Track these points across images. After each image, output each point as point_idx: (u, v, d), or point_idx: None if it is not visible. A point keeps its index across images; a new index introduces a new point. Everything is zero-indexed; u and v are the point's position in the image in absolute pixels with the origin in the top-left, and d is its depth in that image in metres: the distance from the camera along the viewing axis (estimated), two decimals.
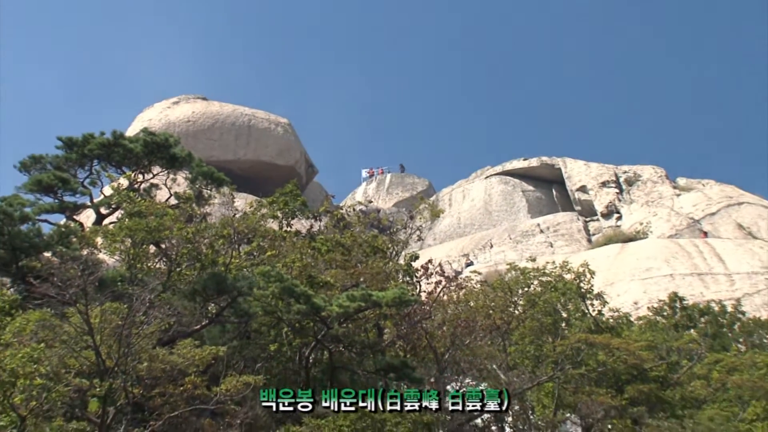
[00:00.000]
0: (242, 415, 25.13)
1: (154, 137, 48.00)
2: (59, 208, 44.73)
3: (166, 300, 29.37)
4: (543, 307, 37.65)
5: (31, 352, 21.90)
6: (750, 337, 47.07)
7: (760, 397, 34.66)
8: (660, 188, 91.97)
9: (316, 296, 31.34)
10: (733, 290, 59.67)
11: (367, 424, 26.27)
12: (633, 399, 32.84)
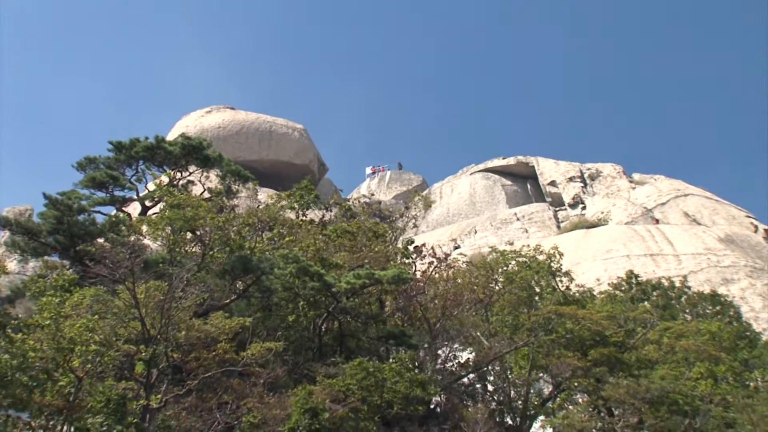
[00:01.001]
0: (265, 375, 25.19)
1: (190, 141, 48.04)
2: (110, 201, 44.78)
3: (200, 279, 29.42)
4: (519, 284, 37.70)
5: (87, 323, 21.97)
6: (695, 308, 47.10)
7: (704, 359, 34.73)
8: (618, 182, 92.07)
9: (327, 275, 31.46)
10: (680, 268, 59.67)
11: (371, 383, 26.34)
12: (596, 361, 32.86)
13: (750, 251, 66.27)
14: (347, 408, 24.89)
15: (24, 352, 20.39)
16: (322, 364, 29.33)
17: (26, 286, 34.74)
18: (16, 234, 39.71)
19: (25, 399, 19.78)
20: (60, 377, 21.04)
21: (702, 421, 31.56)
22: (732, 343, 38.42)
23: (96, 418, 21.08)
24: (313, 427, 22.72)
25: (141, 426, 21.47)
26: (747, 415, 30.18)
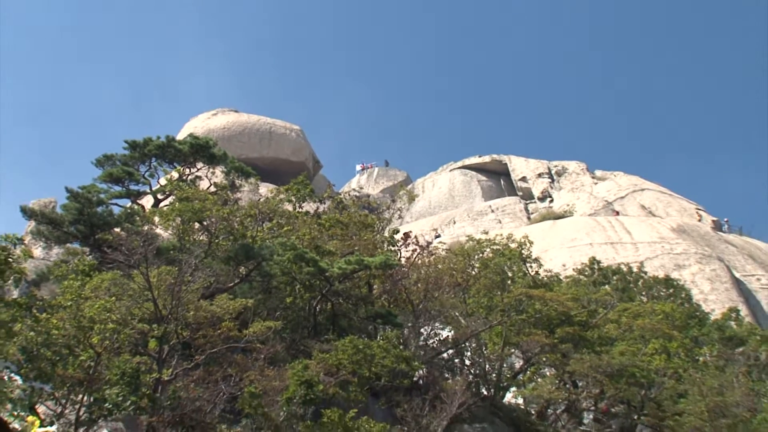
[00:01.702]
0: (265, 351, 25.18)
1: (198, 140, 48.11)
2: (126, 194, 44.83)
3: (207, 264, 29.41)
4: (493, 269, 37.73)
5: (105, 304, 21.95)
6: (650, 291, 47.26)
7: (658, 336, 34.84)
8: (582, 178, 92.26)
9: (321, 261, 31.44)
10: (637, 255, 59.81)
11: (361, 358, 26.33)
12: (562, 338, 32.91)
13: (699, 240, 66.52)
14: (339, 380, 24.89)
15: (48, 330, 20.36)
16: (317, 341, 29.32)
17: (50, 270, 34.83)
18: (41, 224, 40.29)
19: (49, 372, 19.75)
20: (80, 352, 21.01)
21: (656, 392, 31.66)
22: (683, 323, 38.57)
23: (113, 389, 21.08)
24: (308, 397, 22.73)
25: (153, 397, 21.45)
26: (697, 387, 30.27)
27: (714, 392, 29.68)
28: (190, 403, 23.15)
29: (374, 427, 22.66)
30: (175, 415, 22.84)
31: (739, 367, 34.52)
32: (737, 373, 33.21)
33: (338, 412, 22.32)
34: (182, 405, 22.90)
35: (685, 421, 29.30)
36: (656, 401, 31.65)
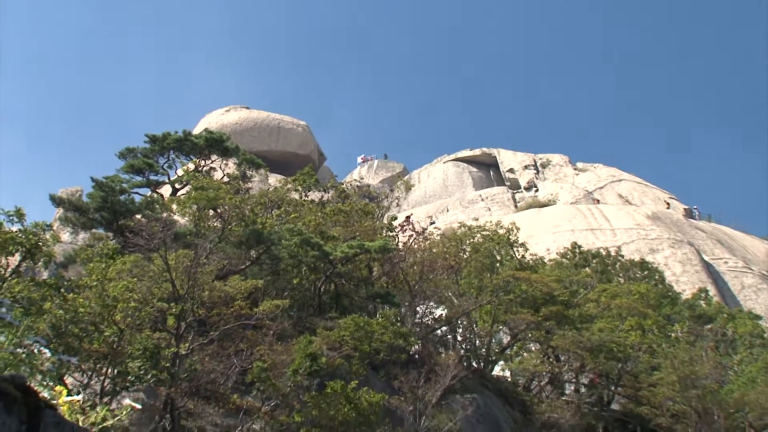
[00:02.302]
0: (274, 327, 25.17)
1: (212, 134, 48.10)
2: (146, 184, 44.79)
3: (220, 248, 29.41)
4: (483, 253, 37.73)
5: (127, 284, 21.92)
6: (627, 273, 47.34)
7: (634, 314, 34.88)
8: (565, 170, 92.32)
9: (325, 245, 31.45)
10: (615, 240, 59.88)
11: (361, 334, 26.33)
12: (546, 316, 32.94)
13: (672, 226, 66.63)
14: (342, 354, 24.89)
15: (75, 308, 20.33)
16: (321, 319, 29.35)
17: (77, 253, 34.81)
18: (68, 211, 40.44)
19: (76, 346, 19.75)
20: (105, 329, 21.00)
21: (632, 365, 31.72)
22: (657, 302, 38.62)
23: (135, 362, 21.10)
24: (313, 370, 22.73)
25: (172, 370, 21.45)
26: (669, 360, 30.33)
27: (685, 365, 29.75)
28: (205, 375, 23.21)
29: (374, 397, 22.66)
30: (192, 386, 22.89)
31: (707, 343, 34.61)
32: (706, 347, 33.29)
33: (341, 384, 22.33)
34: (198, 377, 22.95)
35: (659, 392, 29.37)
36: (632, 373, 31.72)
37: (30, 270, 24.30)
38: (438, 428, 23.86)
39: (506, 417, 30.41)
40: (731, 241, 67.51)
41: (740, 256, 64.24)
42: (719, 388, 29.72)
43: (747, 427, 29.87)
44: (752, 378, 31.20)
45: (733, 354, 35.85)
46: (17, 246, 21.26)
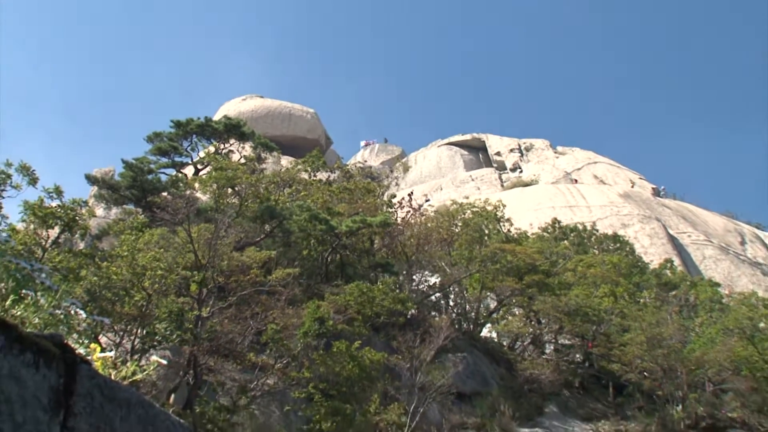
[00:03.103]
0: (286, 293, 25.17)
1: (230, 120, 48.15)
2: (171, 165, 44.84)
3: (238, 222, 29.39)
4: (473, 227, 37.71)
5: (155, 254, 21.92)
6: (601, 245, 47.38)
7: (607, 282, 34.95)
8: (546, 153, 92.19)
9: (332, 220, 31.43)
10: (591, 216, 59.88)
11: (364, 300, 26.37)
12: (529, 284, 32.98)
13: (641, 203, 66.66)
14: (346, 318, 24.93)
15: (108, 276, 20.37)
16: (328, 286, 29.36)
17: (110, 227, 34.82)
18: (102, 188, 40.93)
19: (109, 309, 19.78)
20: (135, 294, 21.01)
21: (605, 327, 31.80)
22: (627, 271, 38.66)
23: (161, 324, 21.14)
24: (321, 332, 22.79)
25: (194, 331, 21.48)
26: (638, 323, 30.41)
27: (652, 327, 29.83)
28: (224, 336, 23.23)
29: (375, 355, 22.72)
30: (212, 346, 22.91)
31: (672, 307, 34.67)
32: (671, 312, 33.34)
33: (345, 344, 22.38)
34: (218, 337, 22.97)
35: (629, 351, 29.46)
36: (605, 334, 31.80)
37: (68, 241, 24.38)
38: (432, 383, 23.91)
39: (493, 373, 30.50)
40: (694, 217, 67.55)
41: (701, 230, 64.31)
42: (682, 348, 29.80)
43: (706, 382, 30.00)
44: (711, 339, 31.29)
45: (694, 317, 35.93)
46: (56, 220, 21.31)
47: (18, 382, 3.24)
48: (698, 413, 28.94)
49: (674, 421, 28.56)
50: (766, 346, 31.32)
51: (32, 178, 21.38)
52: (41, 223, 21.65)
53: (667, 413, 28.77)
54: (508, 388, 29.32)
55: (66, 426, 3.40)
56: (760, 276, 57.51)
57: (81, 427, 3.46)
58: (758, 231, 70.17)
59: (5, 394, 3.17)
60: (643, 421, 28.39)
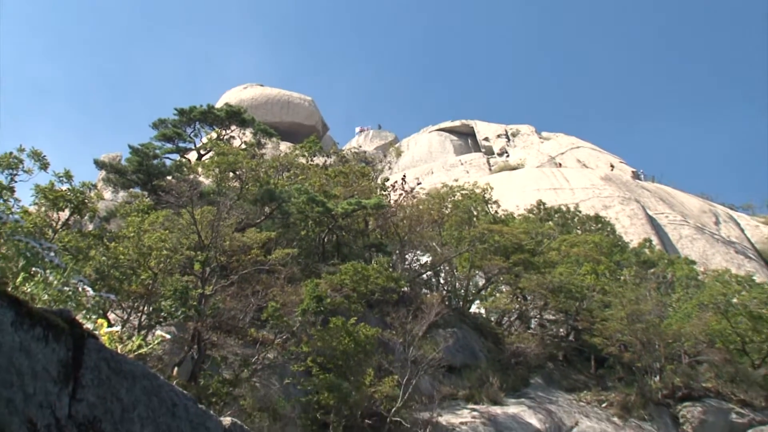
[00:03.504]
0: (285, 272, 25.21)
1: (231, 108, 48.01)
2: (175, 150, 44.77)
3: (239, 205, 29.34)
4: (462, 209, 37.70)
5: (160, 235, 21.91)
6: (583, 225, 47.46)
7: (589, 260, 35.02)
8: (531, 138, 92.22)
9: (328, 202, 31.41)
10: (574, 198, 59.98)
11: (359, 278, 26.39)
12: (515, 262, 33.01)
13: (622, 186, 66.80)
14: (342, 295, 24.95)
15: (116, 255, 20.36)
16: (325, 265, 29.40)
17: (117, 209, 34.79)
18: (110, 173, 40.98)
19: (117, 287, 19.78)
20: (141, 273, 21.01)
21: (587, 303, 31.87)
22: (609, 250, 38.75)
23: (167, 301, 21.15)
24: (319, 309, 22.80)
25: (198, 307, 21.49)
26: (618, 299, 30.51)
27: (631, 303, 29.94)
28: (227, 313, 23.28)
29: (369, 331, 22.76)
30: (215, 322, 22.95)
31: (650, 284, 34.75)
32: (649, 288, 33.43)
33: (342, 320, 22.42)
34: (220, 314, 23.01)
35: (610, 325, 29.55)
36: (587, 310, 31.86)
37: (77, 223, 24.33)
38: (424, 357, 23.98)
39: (481, 347, 30.59)
40: (671, 199, 67.74)
41: (678, 211, 64.51)
42: (660, 322, 29.92)
43: (683, 354, 30.15)
44: (687, 313, 31.46)
45: (671, 293, 36.08)
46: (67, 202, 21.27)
47: (28, 355, 3.23)
48: (675, 384, 29.12)
49: (652, 391, 28.73)
50: (738, 320, 31.61)
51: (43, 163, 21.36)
52: (52, 206, 21.63)
53: (646, 384, 28.92)
54: (495, 361, 29.41)
55: (74, 397, 3.40)
56: (733, 254, 57.78)
57: (89, 397, 3.46)
58: (731, 212, 70.50)
59: (16, 366, 3.16)
60: (623, 391, 28.52)
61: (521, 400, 26.99)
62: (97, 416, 3.47)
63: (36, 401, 3.21)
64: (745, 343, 31.95)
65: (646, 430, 26.79)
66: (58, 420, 3.29)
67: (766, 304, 33.24)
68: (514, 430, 24.72)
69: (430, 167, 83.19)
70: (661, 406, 28.54)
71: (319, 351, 22.06)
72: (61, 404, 3.32)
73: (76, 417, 3.38)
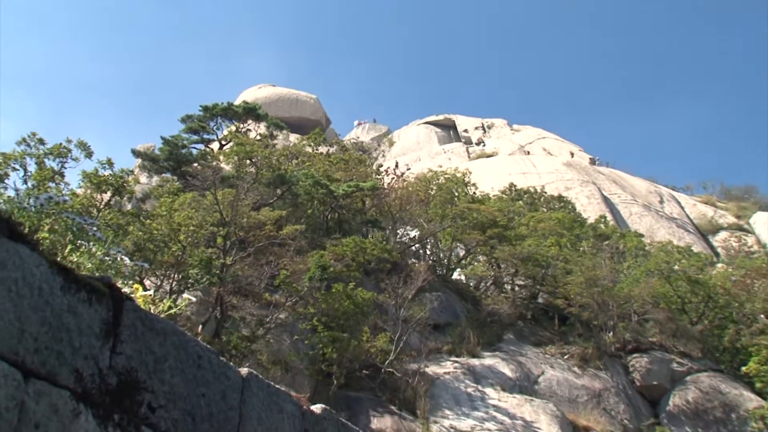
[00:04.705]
0: (294, 245, 25.22)
1: (248, 105, 47.86)
2: (201, 141, 44.62)
3: (255, 188, 29.31)
4: (445, 191, 37.65)
5: (188, 214, 21.94)
6: (549, 204, 47.40)
7: (553, 234, 35.02)
8: (504, 130, 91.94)
9: (331, 185, 31.38)
10: (540, 181, 59.70)
11: (358, 249, 26.43)
12: (490, 236, 32.95)
13: (581, 171, 66.81)
14: (343, 264, 25.00)
15: (150, 231, 20.37)
16: (328, 239, 29.38)
17: (151, 191, 34.78)
18: (144, 160, 41.24)
19: (151, 258, 19.81)
20: (172, 245, 21.03)
21: (552, 270, 31.92)
22: (570, 225, 38.72)
23: (194, 270, 21.19)
24: (323, 276, 22.85)
25: (220, 275, 21.53)
26: (578, 266, 30.59)
27: (589, 270, 30.01)
28: (245, 279, 23.29)
29: (366, 295, 22.83)
30: (235, 287, 22.99)
31: (605, 254, 34.88)
32: (604, 258, 33.57)
33: (342, 285, 22.46)
34: (239, 280, 23.03)
35: (570, 289, 29.64)
36: (552, 276, 31.93)
37: (117, 203, 24.31)
38: (413, 316, 24.07)
39: (461, 308, 30.68)
40: (622, 181, 67.79)
41: (629, 192, 64.63)
42: (613, 286, 30.03)
43: (632, 313, 30.31)
44: (636, 279, 31.59)
45: (623, 262, 36.16)
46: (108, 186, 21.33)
47: (75, 315, 3.24)
48: (625, 338, 29.33)
49: (606, 345, 28.93)
50: (679, 284, 31.88)
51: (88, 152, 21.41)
52: (96, 189, 21.71)
53: (601, 339, 29.10)
54: (473, 320, 29.48)
55: (114, 350, 3.42)
56: (675, 228, 57.99)
57: (126, 351, 3.48)
58: (674, 192, 70.65)
59: (65, 324, 3.18)
60: (582, 345, 28.66)
61: (496, 353, 27.11)
62: (134, 367, 3.49)
63: (82, 354, 3.22)
64: (684, 304, 32.22)
65: (601, 377, 26.98)
66: (100, 370, 3.31)
67: (701, 270, 33.76)
68: (489, 378, 24.88)
69: (418, 155, 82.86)
70: (614, 357, 28.75)
71: (323, 312, 22.12)
72: (103, 356, 3.34)
73: (116, 367, 3.40)
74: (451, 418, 22.07)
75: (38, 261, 3.13)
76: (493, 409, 23.01)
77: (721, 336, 30.39)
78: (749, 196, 70.27)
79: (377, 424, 20.44)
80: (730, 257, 48.40)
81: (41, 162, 20.43)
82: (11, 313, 2.91)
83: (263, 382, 4.41)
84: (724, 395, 27.16)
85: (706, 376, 28.19)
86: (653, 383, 27.87)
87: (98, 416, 3.27)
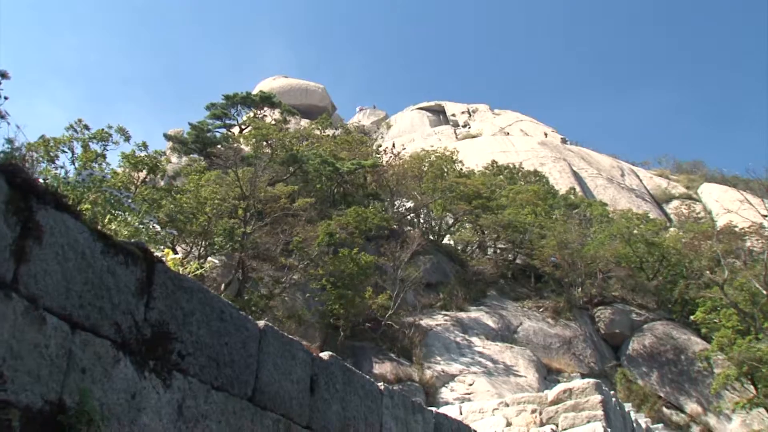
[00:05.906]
0: (305, 215, 25.22)
1: (264, 94, 47.75)
2: (223, 126, 44.45)
3: (270, 165, 29.27)
4: (436, 167, 37.46)
5: (213, 189, 21.94)
6: (526, 178, 47.37)
7: (530, 204, 35.03)
8: (487, 114, 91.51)
9: (337, 162, 31.32)
10: (518, 159, 59.36)
11: (361, 219, 26.41)
12: (475, 206, 32.89)
13: (554, 149, 66.75)
14: (348, 232, 25.01)
15: (180, 204, 20.35)
16: (335, 210, 29.35)
17: (181, 170, 34.68)
18: (175, 143, 41.27)
19: (182, 227, 19.81)
20: (199, 217, 21.03)
21: (529, 235, 31.95)
22: (544, 196, 38.70)
23: (218, 238, 21.22)
24: (330, 242, 22.88)
25: (241, 242, 21.55)
26: (551, 232, 30.60)
27: (560, 234, 30.06)
28: (262, 246, 23.37)
29: (368, 258, 22.86)
30: (254, 252, 23.07)
31: (574, 221, 34.85)
32: (573, 224, 33.55)
33: (347, 250, 22.48)
34: (258, 246, 23.10)
35: (545, 251, 29.72)
36: (529, 240, 31.97)
37: (152, 180, 24.29)
38: (408, 276, 24.14)
39: (451, 269, 30.74)
40: (589, 158, 67.67)
41: (595, 167, 64.59)
42: (581, 249, 30.09)
43: (597, 272, 30.39)
44: (601, 242, 31.64)
45: (590, 227, 36.17)
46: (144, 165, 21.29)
47: (114, 275, 3.25)
48: (592, 293, 29.49)
49: (575, 299, 29.10)
50: (637, 246, 32.01)
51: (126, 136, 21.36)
52: (133, 168, 21.73)
53: (571, 294, 29.26)
54: (461, 279, 29.57)
55: (148, 306, 3.44)
56: (634, 198, 58.05)
57: (159, 306, 3.49)
58: (633, 167, 70.59)
59: (105, 283, 3.20)
60: (555, 300, 28.80)
61: (480, 308, 27.25)
62: (165, 320, 3.51)
63: (120, 309, 3.24)
64: (642, 263, 32.42)
65: (571, 327, 27.17)
66: (136, 323, 3.33)
67: (657, 233, 34.02)
68: (475, 329, 25.05)
69: (412, 137, 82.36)
70: (582, 309, 28.94)
71: (331, 273, 22.17)
72: (138, 311, 3.36)
73: (150, 320, 3.42)
74: (442, 363, 22.28)
75: (81, 228, 3.14)
76: (478, 356, 23.25)
77: (672, 290, 30.61)
78: (697, 169, 70.50)
79: (379, 369, 20.63)
80: (680, 222, 48.50)
81: (86, 145, 20.34)
82: (59, 273, 2.94)
83: (278, 332, 4.43)
84: (675, 340, 27.55)
85: (660, 324, 28.50)
86: (615, 331, 28.13)
87: (135, 362, 3.30)
